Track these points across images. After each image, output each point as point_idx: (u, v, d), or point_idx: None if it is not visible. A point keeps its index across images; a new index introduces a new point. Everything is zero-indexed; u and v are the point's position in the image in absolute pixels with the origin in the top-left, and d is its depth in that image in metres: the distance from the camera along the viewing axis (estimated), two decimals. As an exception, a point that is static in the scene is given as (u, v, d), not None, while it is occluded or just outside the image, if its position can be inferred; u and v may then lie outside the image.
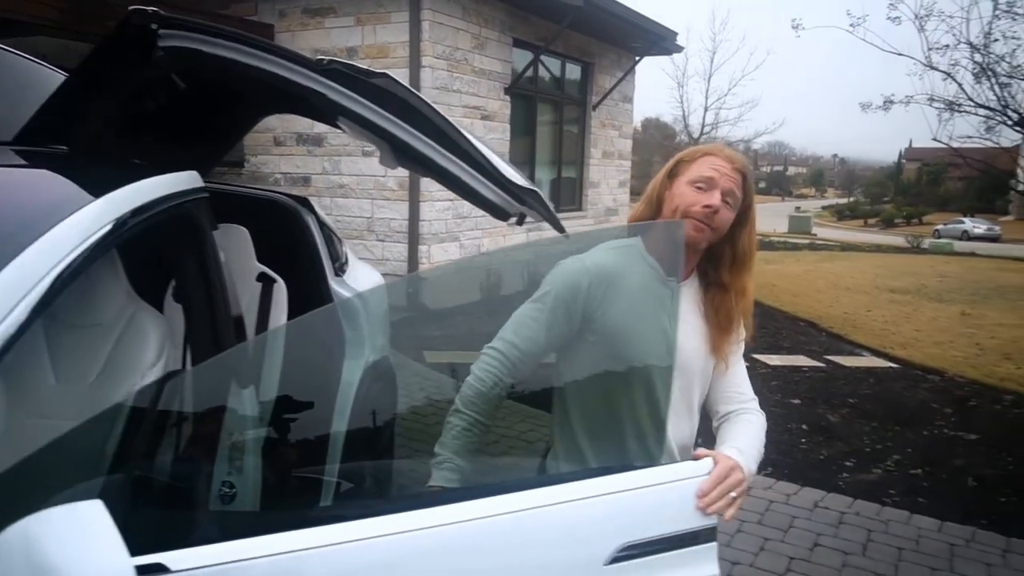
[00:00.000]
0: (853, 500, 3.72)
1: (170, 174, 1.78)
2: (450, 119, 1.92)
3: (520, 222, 2.16)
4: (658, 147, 41.97)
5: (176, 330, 1.96)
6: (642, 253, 1.53)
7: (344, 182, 8.36)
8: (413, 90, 1.86)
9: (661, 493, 1.21)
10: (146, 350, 1.81)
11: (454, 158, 1.96)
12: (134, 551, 0.97)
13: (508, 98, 9.02)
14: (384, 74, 1.86)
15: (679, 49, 12.45)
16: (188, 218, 1.82)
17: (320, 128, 8.37)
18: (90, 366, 1.73)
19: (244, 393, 1.92)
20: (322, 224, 2.94)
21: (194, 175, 1.91)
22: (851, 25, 4.89)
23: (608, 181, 11.94)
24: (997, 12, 4.57)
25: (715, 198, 1.44)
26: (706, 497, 1.23)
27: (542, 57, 9.63)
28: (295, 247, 2.78)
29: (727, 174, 1.46)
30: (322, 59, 1.89)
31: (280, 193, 2.93)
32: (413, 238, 7.93)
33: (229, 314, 1.95)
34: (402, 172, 7.93)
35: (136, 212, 1.54)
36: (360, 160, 8.21)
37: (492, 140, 8.75)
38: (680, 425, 1.54)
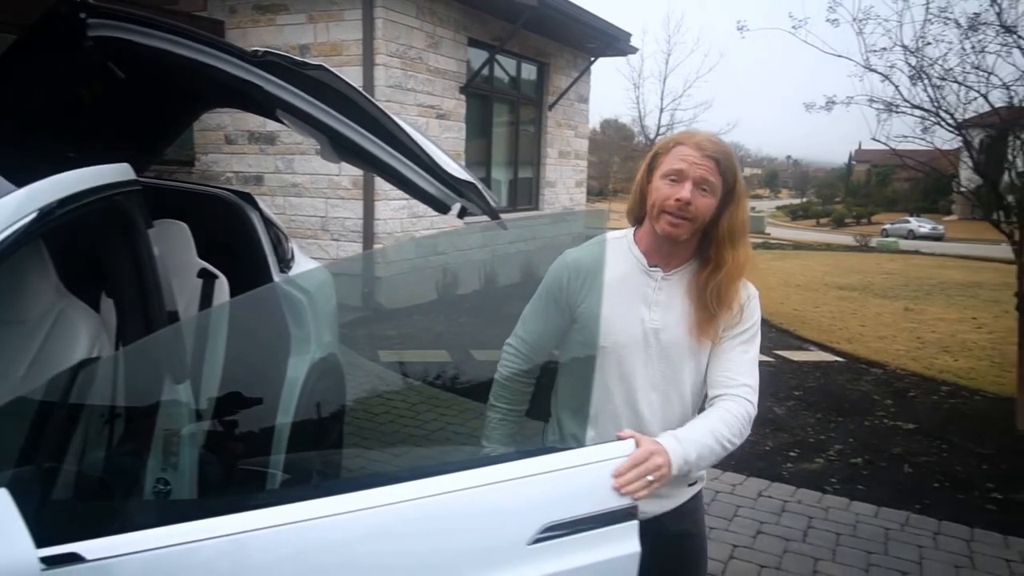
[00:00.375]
0: (796, 489, 3.83)
1: (99, 166, 1.75)
2: (387, 111, 1.93)
3: (462, 215, 2.18)
4: (616, 148, 42.37)
5: (111, 326, 1.92)
6: (630, 245, 1.58)
7: (297, 181, 8.27)
8: (349, 82, 1.87)
9: (584, 474, 1.24)
10: (76, 347, 1.78)
11: (391, 150, 1.97)
12: (49, 542, 0.96)
13: (463, 97, 9.03)
14: (320, 66, 1.86)
15: (634, 50, 12.62)
16: (119, 211, 1.79)
17: (273, 126, 8.26)
18: (15, 363, 1.69)
19: (179, 388, 1.90)
20: (267, 220, 2.91)
21: (125, 167, 1.88)
22: (793, 27, 5.00)
23: (565, 181, 12.03)
24: (929, 16, 4.73)
25: (685, 191, 1.44)
26: (621, 478, 1.25)
27: (498, 57, 9.66)
28: (238, 243, 2.75)
29: (697, 163, 1.45)
30: (257, 50, 1.88)
31: (223, 188, 2.90)
32: (368, 237, 7.88)
33: (163, 310, 1.92)
34: (356, 171, 7.88)
35: (63, 203, 1.52)
36: (314, 159, 8.12)
37: (448, 139, 8.74)
38: (668, 410, 1.57)
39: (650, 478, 1.28)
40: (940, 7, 4.69)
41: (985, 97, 4.76)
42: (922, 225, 33.60)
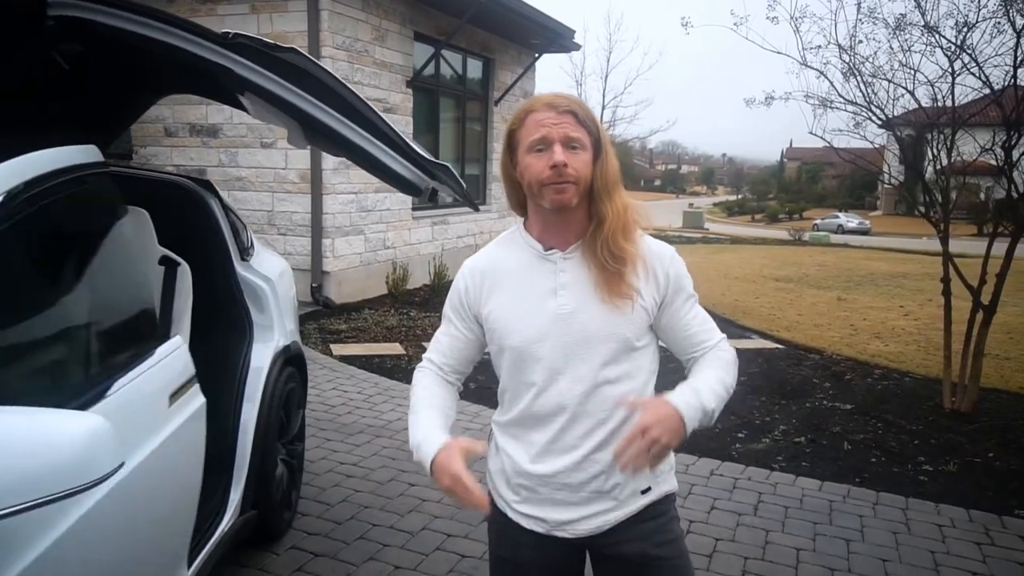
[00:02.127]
0: (745, 467, 3.99)
1: (66, 147, 1.72)
2: (360, 95, 1.95)
3: (432, 198, 2.21)
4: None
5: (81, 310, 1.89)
6: (522, 235, 1.48)
7: (242, 175, 8.10)
8: (322, 66, 1.88)
9: None
10: None
11: (365, 133, 1.99)
12: None
13: (410, 91, 8.99)
14: (292, 48, 1.88)
15: (577, 47, 12.77)
16: (89, 193, 1.77)
17: (215, 119, 8.07)
18: None
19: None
20: (226, 208, 2.88)
21: (93, 149, 1.85)
22: (734, 24, 5.18)
23: (511, 176, 12.09)
24: (860, 16, 4.98)
25: (557, 154, 1.35)
26: (621, 458, 1.29)
27: (444, 52, 9.65)
28: (199, 230, 2.72)
29: (556, 123, 1.36)
30: (227, 32, 1.87)
31: (183, 176, 2.85)
32: (316, 232, 7.79)
33: (125, 295, 1.90)
34: (303, 164, 7.77)
35: (29, 185, 1.50)
36: (259, 152, 7.98)
37: (395, 133, 8.69)
38: (599, 395, 1.43)
39: (654, 451, 1.27)
40: (870, 7, 4.95)
41: (912, 93, 5.05)
42: (850, 220, 35.08)
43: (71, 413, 1.05)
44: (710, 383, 1.42)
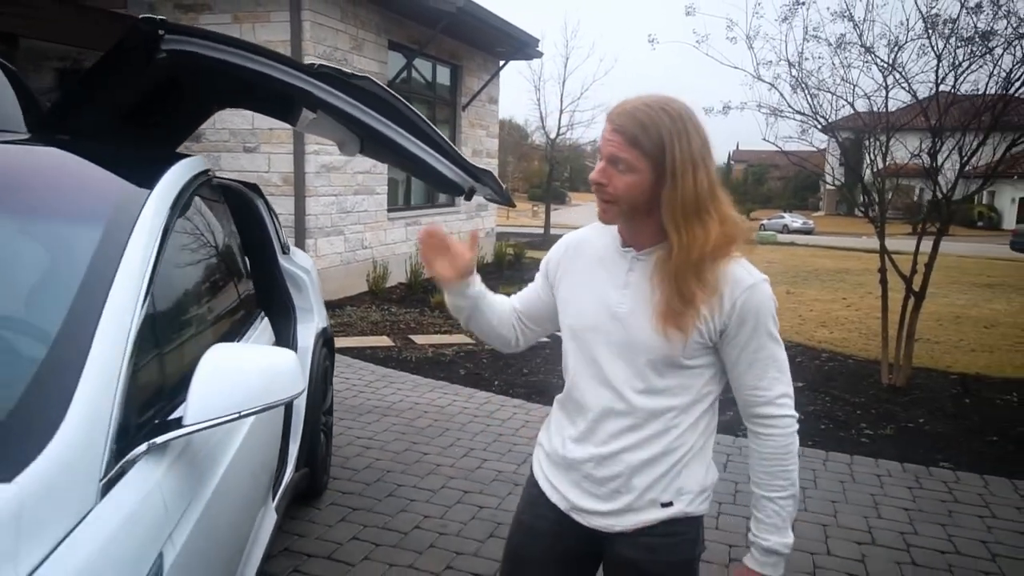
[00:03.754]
0: (715, 433, 4.52)
1: (192, 157, 2.13)
2: (421, 114, 2.39)
3: (469, 197, 2.66)
4: (512, 147, 43.37)
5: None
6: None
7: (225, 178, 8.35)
8: (390, 90, 2.32)
9: None
10: None
11: (420, 143, 2.43)
12: None
13: (385, 98, 9.36)
14: (365, 77, 2.31)
15: (540, 55, 13.31)
16: (213, 192, 2.17)
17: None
18: None
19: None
20: (270, 209, 3.27)
21: (200, 159, 2.25)
22: (697, 42, 5.76)
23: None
24: (807, 36, 5.60)
25: (596, 172, 1.33)
26: None
27: (415, 59, 10.06)
28: (250, 226, 3.10)
29: (607, 138, 1.30)
30: (314, 63, 2.29)
31: (233, 181, 3.23)
32: (300, 232, 8.10)
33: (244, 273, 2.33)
34: (286, 168, 8.10)
35: (185, 187, 1.91)
36: (242, 156, 8.26)
37: (371, 138, 9.07)
38: (634, 399, 1.39)
39: None
40: (814, 26, 5.58)
41: (852, 105, 5.71)
42: (795, 220, 36.53)
43: (282, 349, 1.47)
44: (773, 511, 1.39)
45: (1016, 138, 5.27)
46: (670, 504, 1.42)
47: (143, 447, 1.23)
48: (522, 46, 11.72)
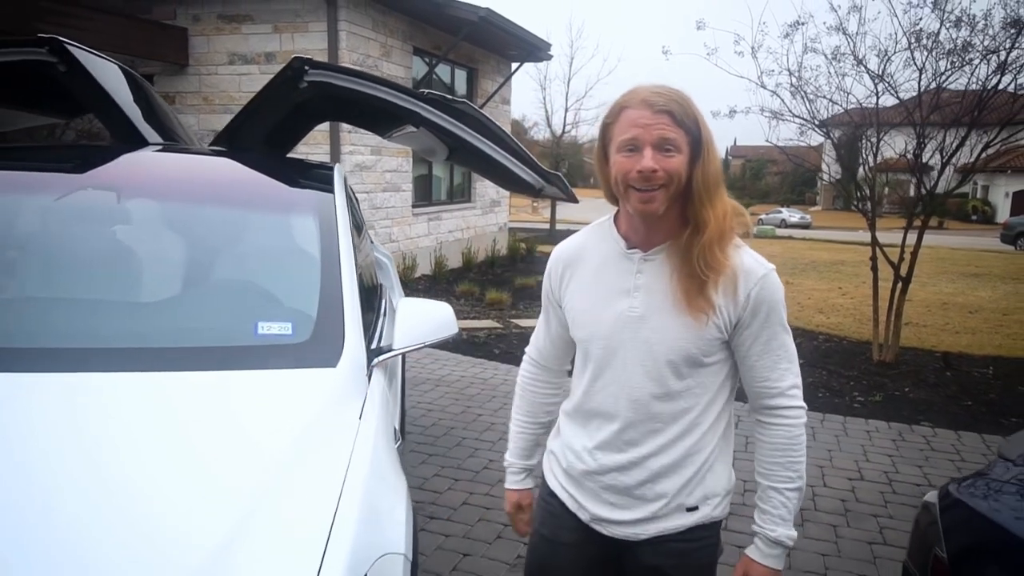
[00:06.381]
0: (724, 401, 5.19)
1: (337, 164, 2.78)
2: (503, 128, 3.03)
3: (538, 195, 3.30)
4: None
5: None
6: (611, 228, 1.44)
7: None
8: (479, 110, 2.96)
9: None
10: None
11: (501, 151, 3.07)
12: None
13: (410, 101, 10.00)
14: (463, 101, 2.95)
15: (549, 57, 13.93)
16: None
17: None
18: None
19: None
20: (350, 192, 3.91)
21: (339, 164, 2.90)
22: (707, 54, 6.41)
23: (492, 176, 13.21)
24: (805, 49, 6.26)
25: (647, 159, 1.27)
26: None
27: (436, 64, 10.68)
28: (354, 210, 3.74)
29: (650, 123, 1.27)
30: (423, 90, 2.94)
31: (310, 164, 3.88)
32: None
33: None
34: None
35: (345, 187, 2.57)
36: (280, 156, 8.88)
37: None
38: (654, 405, 1.39)
39: None
40: (811, 38, 6.23)
41: (846, 110, 6.35)
42: (792, 215, 37.24)
43: (443, 303, 2.12)
44: (779, 502, 1.40)
45: (992, 138, 5.93)
46: (695, 509, 1.42)
47: (376, 360, 1.89)
48: (534, 49, 12.35)
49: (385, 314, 2.66)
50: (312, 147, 8.72)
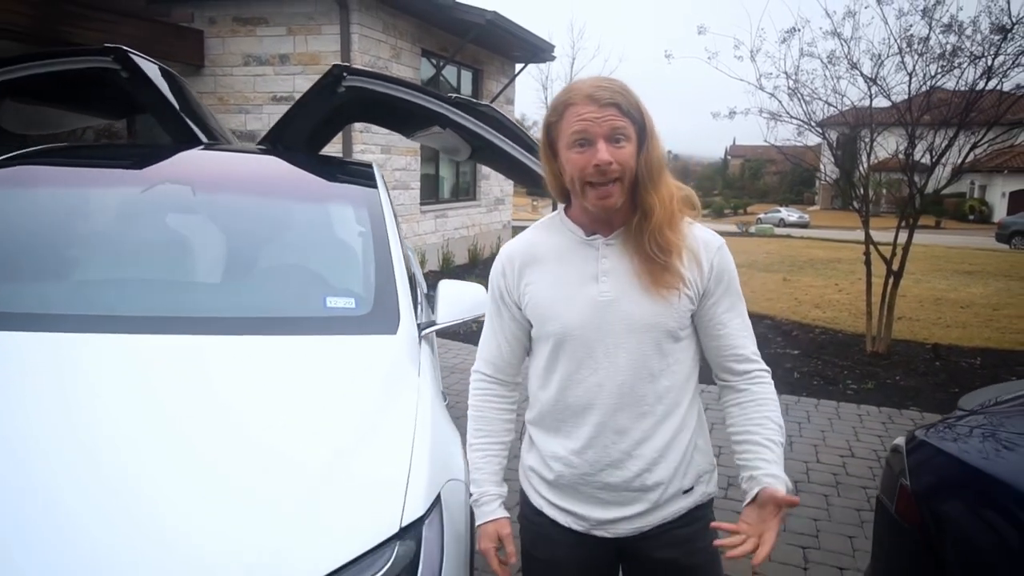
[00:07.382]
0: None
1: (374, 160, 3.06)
2: (525, 129, 3.31)
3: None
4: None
5: None
6: (563, 220, 1.44)
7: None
8: (502, 112, 3.24)
9: None
10: None
11: (522, 151, 3.35)
12: None
13: (418, 101, 10.28)
14: (488, 105, 3.23)
15: (553, 58, 14.22)
16: None
17: (254, 125, 9.22)
18: None
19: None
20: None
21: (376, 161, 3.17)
22: (708, 58, 6.69)
23: (496, 175, 13.47)
24: (802, 53, 6.54)
25: (602, 152, 1.28)
26: (734, 550, 1.27)
27: (444, 66, 10.96)
28: None
29: (597, 117, 1.29)
30: (451, 95, 3.22)
31: (350, 162, 4.15)
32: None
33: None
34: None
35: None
36: (293, 155, 9.15)
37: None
38: (640, 389, 1.38)
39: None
40: (808, 43, 6.51)
41: (841, 112, 6.63)
42: (791, 214, 37.59)
43: (476, 284, 2.40)
44: (774, 451, 1.37)
45: (979, 138, 6.21)
46: (691, 489, 1.44)
47: (425, 332, 2.17)
48: (538, 51, 12.63)
49: (421, 295, 2.94)
50: (327, 145, 8.98)
